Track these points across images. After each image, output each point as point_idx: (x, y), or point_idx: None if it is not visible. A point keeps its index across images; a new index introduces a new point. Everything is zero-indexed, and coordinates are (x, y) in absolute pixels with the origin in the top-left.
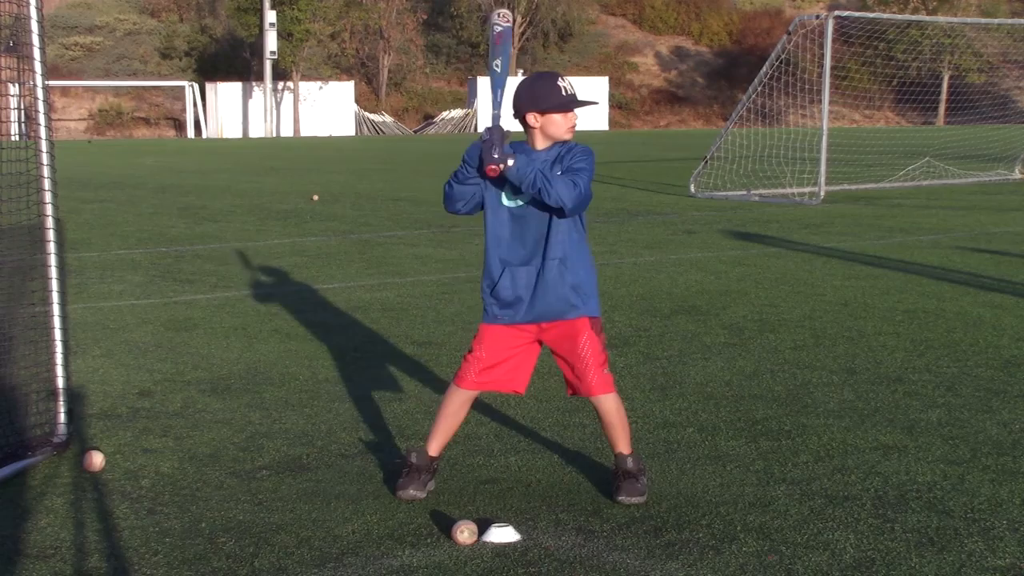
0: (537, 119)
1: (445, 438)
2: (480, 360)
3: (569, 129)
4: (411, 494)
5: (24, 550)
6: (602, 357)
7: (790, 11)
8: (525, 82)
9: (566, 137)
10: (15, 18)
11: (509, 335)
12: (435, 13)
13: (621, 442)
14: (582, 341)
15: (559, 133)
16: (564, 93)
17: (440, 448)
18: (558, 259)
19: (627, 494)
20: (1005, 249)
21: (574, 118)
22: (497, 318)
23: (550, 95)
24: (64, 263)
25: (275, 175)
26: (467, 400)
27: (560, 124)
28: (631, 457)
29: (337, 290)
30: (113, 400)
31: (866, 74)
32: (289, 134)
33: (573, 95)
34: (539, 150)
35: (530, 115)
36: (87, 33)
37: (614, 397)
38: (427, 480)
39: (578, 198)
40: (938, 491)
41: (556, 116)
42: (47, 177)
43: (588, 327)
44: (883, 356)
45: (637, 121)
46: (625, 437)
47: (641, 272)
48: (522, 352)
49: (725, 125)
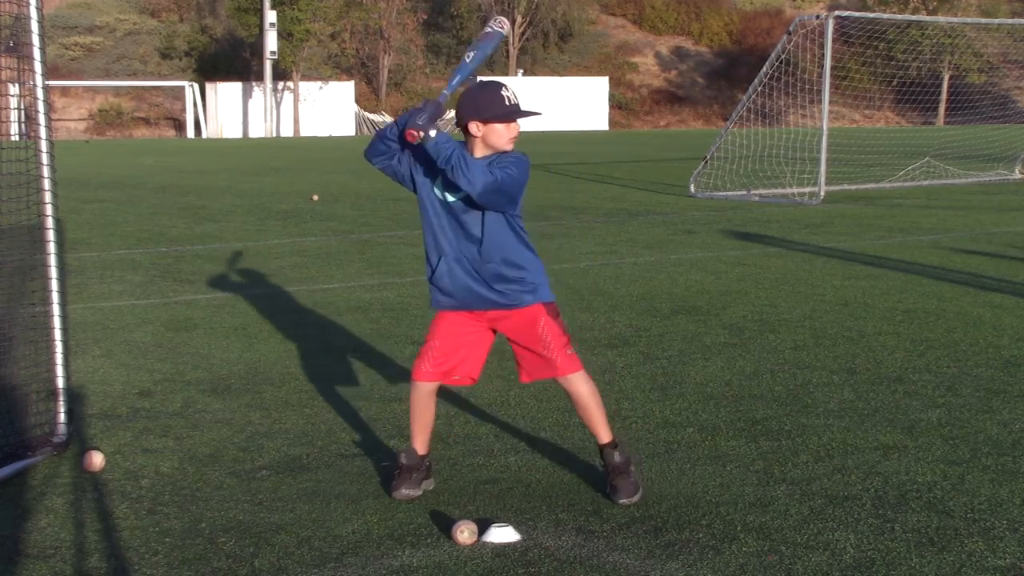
0: (479, 128)
1: (424, 434)
2: (433, 349)
3: (511, 140)
4: (404, 493)
5: (24, 550)
6: (564, 338)
7: (790, 11)
8: (469, 91)
9: (507, 148)
10: (15, 18)
11: (462, 321)
12: (435, 13)
13: (601, 429)
14: (540, 326)
15: (500, 143)
16: (507, 103)
17: (425, 444)
18: (495, 250)
19: (626, 495)
20: (1005, 249)
21: (516, 129)
22: (442, 304)
23: (493, 104)
24: (64, 263)
25: (275, 175)
26: (429, 393)
27: (502, 134)
28: (617, 450)
29: (337, 290)
30: (113, 400)
31: (866, 74)
32: (289, 134)
33: (516, 105)
34: (478, 158)
35: (472, 124)
36: (87, 33)
37: (583, 376)
38: (420, 478)
39: (491, 184)
40: (938, 491)
41: (498, 126)
42: (47, 177)
43: (544, 312)
44: (883, 356)
45: (637, 121)
46: (603, 422)
47: (641, 272)
48: (475, 339)
49: (725, 125)
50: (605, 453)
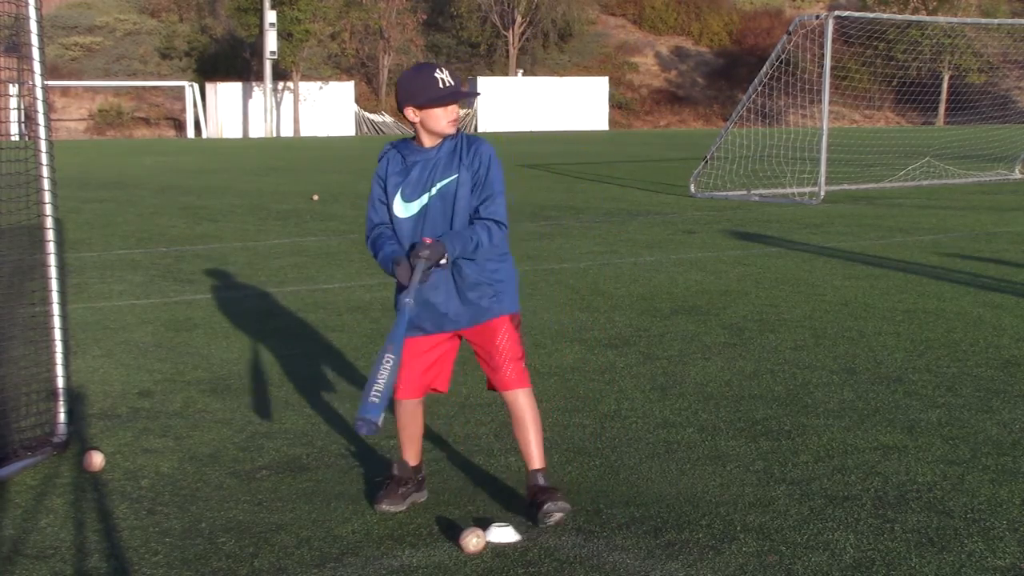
0: (416, 114)
1: (413, 445)
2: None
3: (451, 123)
4: (384, 508)
5: (24, 550)
6: (519, 351)
7: (790, 11)
8: (403, 75)
9: (448, 131)
10: (15, 18)
11: (424, 343)
12: (435, 13)
13: (535, 453)
14: (499, 336)
15: (439, 127)
16: (442, 85)
17: (416, 455)
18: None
19: (553, 505)
20: (1005, 249)
21: (455, 112)
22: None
23: (427, 88)
24: (64, 263)
25: (275, 175)
26: (414, 408)
27: (439, 118)
28: (542, 473)
29: (337, 290)
30: (113, 400)
31: (866, 74)
32: (289, 134)
33: (452, 87)
34: (427, 148)
35: (408, 110)
36: (87, 33)
37: (528, 393)
38: (409, 491)
39: (497, 234)
40: (938, 491)
41: (435, 110)
42: (47, 177)
43: (507, 322)
44: (883, 356)
45: (637, 121)
46: (539, 445)
47: (641, 272)
48: (438, 350)
49: (725, 125)
50: (531, 476)
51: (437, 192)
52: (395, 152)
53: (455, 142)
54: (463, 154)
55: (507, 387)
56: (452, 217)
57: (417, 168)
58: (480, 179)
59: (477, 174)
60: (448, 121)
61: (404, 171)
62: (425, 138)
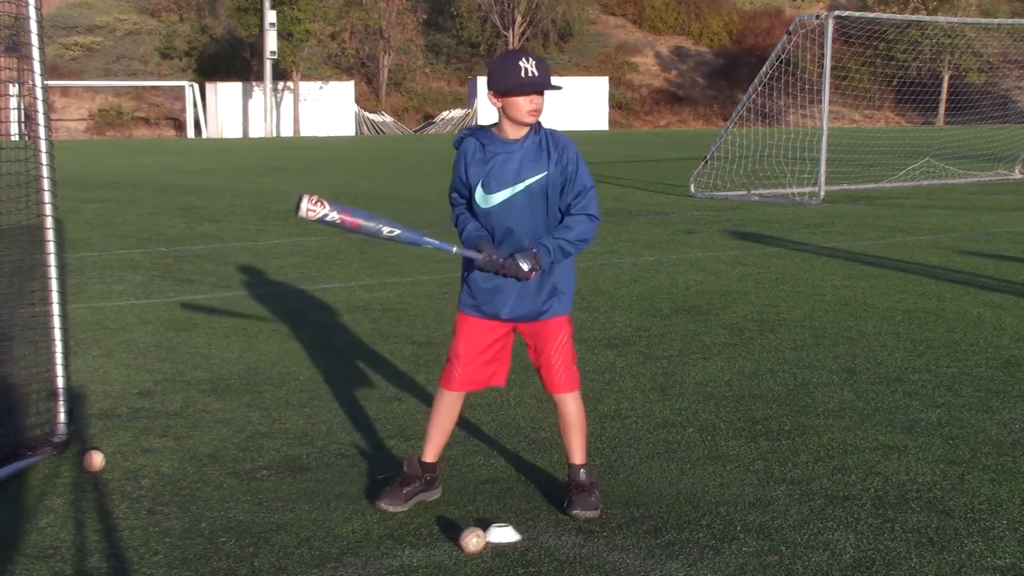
0: (497, 100)
1: (440, 440)
2: (460, 357)
3: (531, 112)
4: (383, 506)
5: (24, 550)
6: (573, 354)
7: (790, 11)
8: (491, 60)
9: (528, 120)
10: (15, 18)
11: (486, 326)
12: (435, 13)
13: (577, 451)
14: (558, 337)
15: (520, 116)
16: (524, 75)
17: (436, 453)
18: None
19: (581, 507)
20: (1005, 249)
21: (538, 101)
22: (472, 308)
23: (509, 76)
24: (64, 263)
25: (275, 175)
26: (456, 401)
27: (520, 107)
28: (584, 469)
29: (337, 290)
30: (113, 400)
31: (866, 74)
32: (289, 134)
33: (535, 77)
34: (512, 140)
35: (490, 95)
36: (87, 33)
37: (576, 396)
38: (414, 492)
39: (596, 227)
40: (938, 491)
41: (516, 99)
42: (46, 177)
43: (565, 323)
44: (883, 356)
45: (637, 121)
46: (581, 444)
47: (641, 272)
48: (500, 343)
49: (725, 125)
50: (572, 470)
51: (524, 188)
52: (474, 141)
53: (539, 138)
54: (551, 151)
55: (557, 390)
56: (545, 214)
57: (499, 160)
58: (570, 176)
59: (566, 171)
60: (528, 110)
61: (484, 161)
62: (507, 127)
